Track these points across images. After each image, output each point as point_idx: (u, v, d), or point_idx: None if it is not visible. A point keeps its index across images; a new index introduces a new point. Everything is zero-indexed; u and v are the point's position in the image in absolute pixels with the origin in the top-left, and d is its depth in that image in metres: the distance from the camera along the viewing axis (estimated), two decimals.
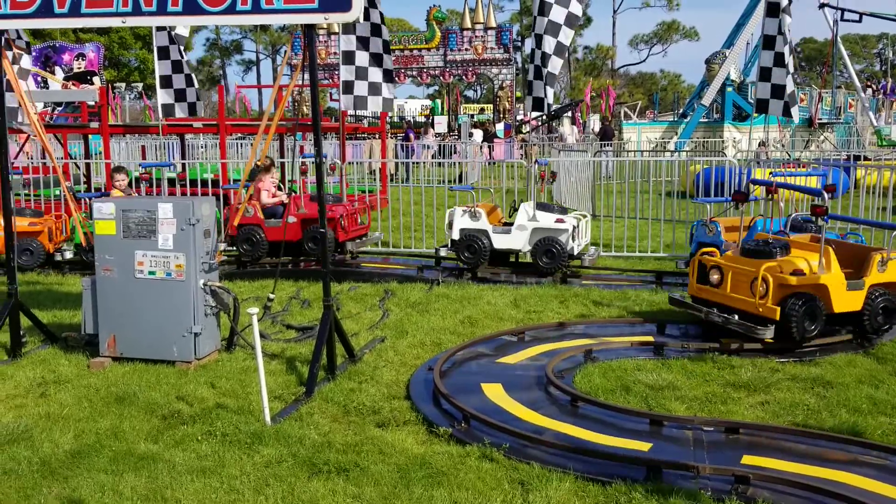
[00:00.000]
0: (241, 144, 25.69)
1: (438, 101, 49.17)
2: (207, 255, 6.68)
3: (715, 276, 7.34)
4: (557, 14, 10.33)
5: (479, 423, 5.26)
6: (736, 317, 6.99)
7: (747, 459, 4.70)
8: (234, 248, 10.80)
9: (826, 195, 7.62)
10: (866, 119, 31.67)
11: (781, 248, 7.14)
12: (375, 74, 11.70)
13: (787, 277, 6.83)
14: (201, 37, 77.67)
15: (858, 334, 7.12)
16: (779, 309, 6.71)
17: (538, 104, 10.69)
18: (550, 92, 10.72)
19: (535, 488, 4.41)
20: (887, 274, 7.11)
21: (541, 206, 10.13)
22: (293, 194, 10.90)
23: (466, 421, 5.32)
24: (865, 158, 20.48)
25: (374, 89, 11.92)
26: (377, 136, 23.23)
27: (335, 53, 34.18)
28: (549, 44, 10.28)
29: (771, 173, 10.67)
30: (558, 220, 9.91)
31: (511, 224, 10.15)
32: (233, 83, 68.42)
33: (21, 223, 10.51)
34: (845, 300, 6.96)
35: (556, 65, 10.46)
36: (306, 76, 6.14)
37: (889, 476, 4.48)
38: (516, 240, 10.05)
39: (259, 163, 10.65)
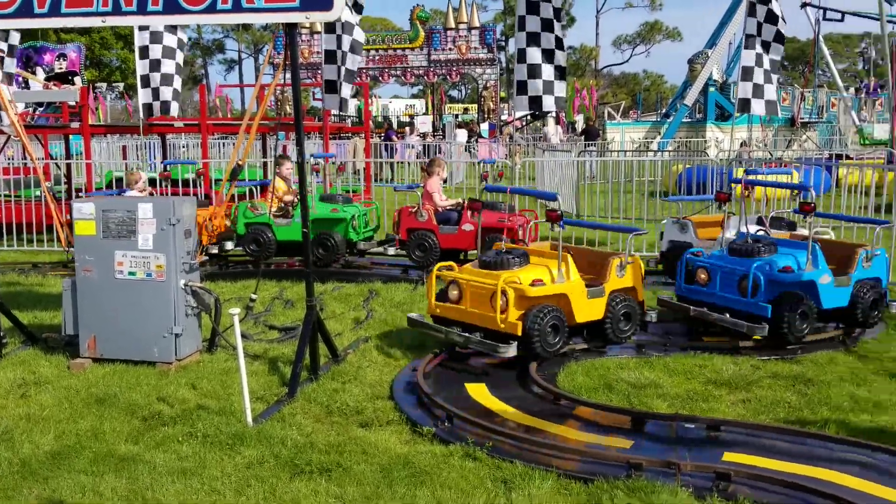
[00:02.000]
0: (223, 144, 25.55)
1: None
2: (188, 256, 6.64)
3: (454, 292, 6.84)
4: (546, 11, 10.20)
5: (463, 422, 5.27)
6: (478, 335, 6.52)
7: (728, 457, 4.72)
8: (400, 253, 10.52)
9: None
10: (849, 118, 31.82)
11: (520, 258, 6.74)
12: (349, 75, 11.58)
13: (526, 289, 6.41)
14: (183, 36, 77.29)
15: (603, 342, 6.82)
16: (520, 324, 6.28)
17: (536, 103, 10.48)
18: (562, 86, 10.50)
19: (517, 487, 4.41)
20: (626, 279, 6.85)
21: (764, 221, 8.79)
22: (468, 200, 10.34)
23: (450, 420, 5.31)
24: (847, 157, 20.63)
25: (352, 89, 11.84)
26: (361, 135, 23.18)
27: (318, 52, 34.07)
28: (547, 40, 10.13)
29: (745, 171, 10.60)
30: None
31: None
32: (214, 82, 68.05)
33: None
34: (588, 309, 6.64)
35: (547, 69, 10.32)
36: (289, 75, 6.12)
37: (870, 473, 4.51)
38: None
39: (240, 163, 10.54)
